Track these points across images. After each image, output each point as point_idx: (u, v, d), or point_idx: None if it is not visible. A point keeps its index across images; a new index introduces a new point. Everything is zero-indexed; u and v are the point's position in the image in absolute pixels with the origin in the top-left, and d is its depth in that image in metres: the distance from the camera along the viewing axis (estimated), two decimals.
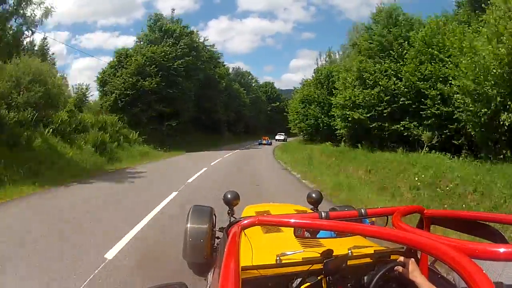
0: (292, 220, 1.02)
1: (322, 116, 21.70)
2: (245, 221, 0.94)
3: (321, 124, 21.98)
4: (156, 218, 4.95)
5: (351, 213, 1.27)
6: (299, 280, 1.27)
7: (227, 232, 1.15)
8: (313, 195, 2.89)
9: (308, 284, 1.27)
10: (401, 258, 1.18)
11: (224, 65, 38.79)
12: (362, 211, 1.23)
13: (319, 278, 1.29)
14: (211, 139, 30.32)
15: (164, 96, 21.78)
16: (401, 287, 1.26)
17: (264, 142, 37.43)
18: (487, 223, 1.08)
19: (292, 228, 1.10)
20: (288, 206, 2.98)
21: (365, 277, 1.33)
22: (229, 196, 2.77)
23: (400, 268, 1.16)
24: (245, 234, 0.94)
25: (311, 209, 2.86)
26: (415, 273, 1.10)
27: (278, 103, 61.31)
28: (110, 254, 3.39)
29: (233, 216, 2.72)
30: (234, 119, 40.77)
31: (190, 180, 8.85)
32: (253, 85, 59.17)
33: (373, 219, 1.30)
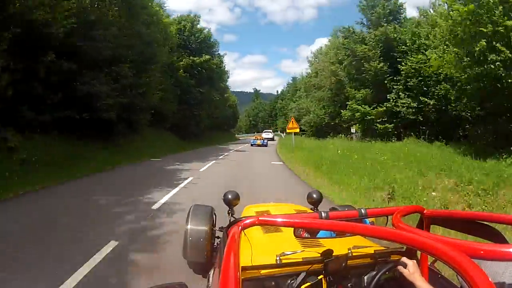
0: (292, 220, 1.02)
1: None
2: (245, 221, 0.94)
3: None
4: None
5: (351, 213, 1.27)
6: (299, 280, 1.27)
7: (227, 232, 1.15)
8: (314, 195, 2.89)
9: (308, 284, 1.27)
10: (403, 259, 1.18)
11: None
12: (362, 211, 1.23)
13: (319, 278, 1.29)
14: None
15: None
16: (401, 287, 1.26)
17: (258, 142, 27.07)
18: (487, 223, 1.08)
19: (292, 228, 1.10)
20: (288, 206, 2.98)
21: (365, 277, 1.33)
22: (229, 196, 2.77)
23: (401, 269, 1.16)
24: (245, 234, 0.94)
25: (311, 209, 2.86)
26: (415, 275, 1.09)
27: (209, 57, 26.70)
28: None
29: (233, 216, 2.72)
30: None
31: None
32: None
33: (373, 219, 1.30)
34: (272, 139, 37.79)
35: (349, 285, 1.33)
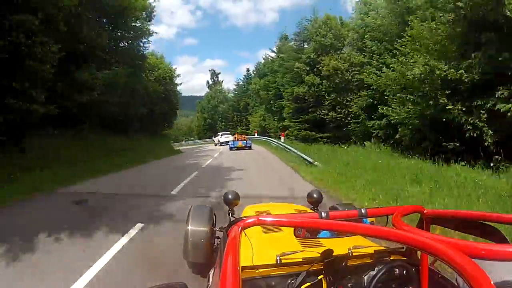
0: (292, 220, 1.02)
1: None
2: (245, 221, 0.94)
3: None
4: None
5: (351, 213, 1.27)
6: (299, 280, 1.27)
7: (227, 232, 1.15)
8: (314, 195, 2.89)
9: (308, 284, 1.27)
10: None
11: None
12: (362, 211, 1.23)
13: (319, 278, 1.29)
14: None
15: None
16: (401, 287, 1.26)
17: (240, 144, 21.66)
18: (487, 222, 1.08)
19: (292, 228, 1.10)
20: (288, 206, 2.98)
21: (365, 277, 1.34)
22: (229, 196, 2.77)
23: None
24: (245, 234, 0.94)
25: (311, 209, 2.86)
26: None
27: None
28: None
29: (233, 216, 2.72)
30: None
31: None
32: None
33: (373, 219, 1.30)
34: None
35: (349, 285, 1.33)
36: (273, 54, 31.80)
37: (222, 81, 57.98)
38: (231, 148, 21.35)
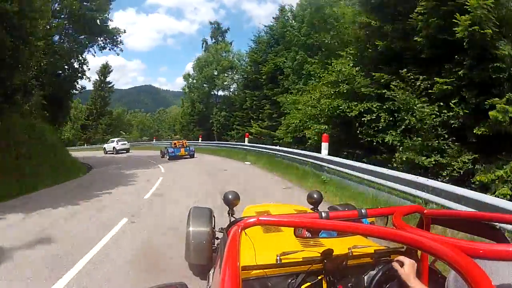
0: (292, 220, 1.02)
1: None
2: (246, 221, 0.94)
3: None
4: None
5: (351, 213, 1.27)
6: (299, 280, 1.27)
7: (228, 232, 1.15)
8: (314, 195, 2.89)
9: (308, 284, 1.27)
10: (401, 257, 1.17)
11: None
12: (362, 211, 1.23)
13: (319, 277, 1.29)
14: None
15: None
16: (401, 287, 1.26)
17: (182, 151, 16.57)
18: (487, 222, 1.08)
19: (292, 228, 1.09)
20: (288, 206, 2.98)
21: (365, 277, 1.34)
22: (229, 196, 2.77)
23: (396, 266, 1.14)
24: (245, 233, 0.94)
25: (311, 209, 2.86)
26: (410, 277, 1.08)
27: None
28: None
29: (233, 216, 2.72)
30: None
31: None
32: None
33: (373, 219, 1.30)
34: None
35: (349, 285, 1.33)
36: None
37: (231, 42, 31.22)
38: (170, 157, 16.01)
